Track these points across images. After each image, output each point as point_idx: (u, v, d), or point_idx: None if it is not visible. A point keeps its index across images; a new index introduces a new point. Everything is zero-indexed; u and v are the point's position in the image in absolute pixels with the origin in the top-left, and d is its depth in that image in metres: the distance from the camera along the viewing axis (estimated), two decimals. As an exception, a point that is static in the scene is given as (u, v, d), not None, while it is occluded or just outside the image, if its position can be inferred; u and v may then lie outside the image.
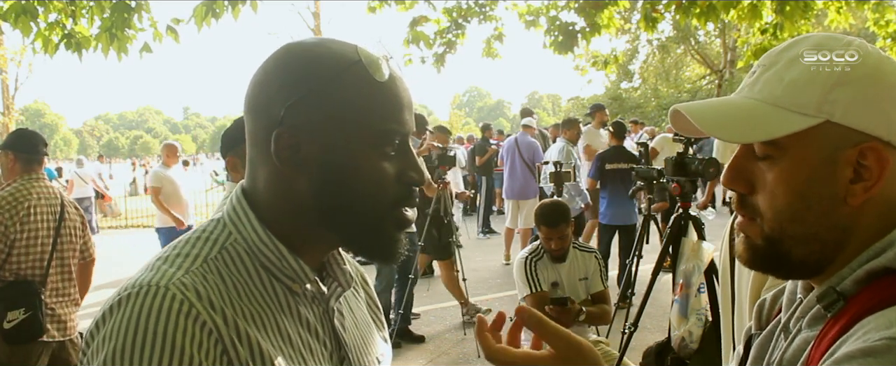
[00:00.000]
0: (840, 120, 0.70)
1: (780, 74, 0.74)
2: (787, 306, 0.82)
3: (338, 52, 0.77)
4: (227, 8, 4.30)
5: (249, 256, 0.77)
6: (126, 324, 0.67)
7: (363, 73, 0.76)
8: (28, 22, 4.09)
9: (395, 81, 0.78)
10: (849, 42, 0.74)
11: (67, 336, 3.08)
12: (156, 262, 0.75)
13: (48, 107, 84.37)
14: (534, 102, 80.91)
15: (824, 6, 5.88)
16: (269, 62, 0.79)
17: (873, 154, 0.70)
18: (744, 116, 0.74)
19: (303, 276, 0.79)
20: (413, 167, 0.80)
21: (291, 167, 0.76)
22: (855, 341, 0.65)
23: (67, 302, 3.12)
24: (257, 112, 0.78)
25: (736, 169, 0.78)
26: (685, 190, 3.39)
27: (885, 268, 0.69)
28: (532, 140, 7.68)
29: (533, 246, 3.44)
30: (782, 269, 0.77)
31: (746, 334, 0.90)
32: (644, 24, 5.68)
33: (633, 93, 26.39)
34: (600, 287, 3.44)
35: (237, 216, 0.79)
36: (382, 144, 0.77)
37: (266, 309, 0.76)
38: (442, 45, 6.02)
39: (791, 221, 0.73)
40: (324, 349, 0.81)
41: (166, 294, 0.68)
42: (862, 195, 0.71)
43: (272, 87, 0.76)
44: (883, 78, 0.71)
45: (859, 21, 10.21)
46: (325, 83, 0.75)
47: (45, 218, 3.01)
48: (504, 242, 8.07)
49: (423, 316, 5.89)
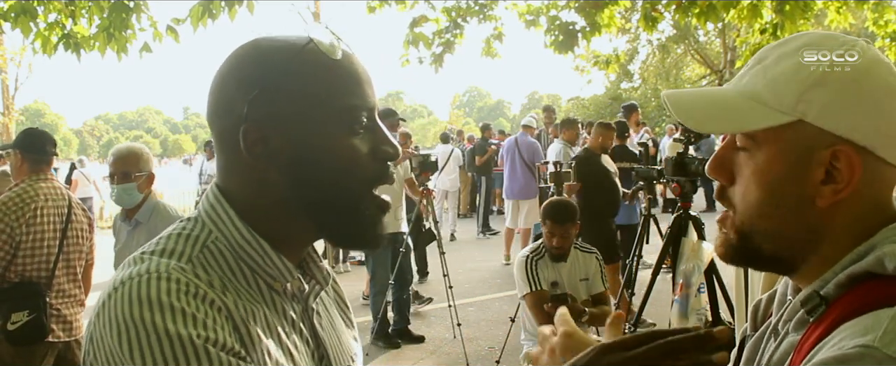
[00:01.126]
0: (813, 120, 0.70)
1: (765, 69, 0.74)
2: (778, 308, 0.82)
3: (287, 40, 0.77)
4: (224, 9, 4.30)
5: (232, 254, 0.76)
6: (121, 307, 0.65)
7: (317, 54, 0.76)
8: (27, 22, 4.09)
9: (350, 58, 0.78)
10: (845, 42, 0.73)
11: (73, 337, 3.08)
12: (141, 255, 0.73)
13: (48, 107, 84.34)
14: (534, 101, 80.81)
15: (824, 6, 5.88)
16: (223, 66, 0.79)
17: (845, 157, 0.70)
18: (721, 107, 0.75)
19: (286, 274, 0.79)
20: (385, 141, 0.79)
21: (264, 161, 0.76)
22: (830, 348, 0.64)
23: (73, 303, 3.11)
24: (220, 114, 0.78)
25: (719, 159, 0.79)
26: (685, 190, 3.39)
27: (867, 272, 0.68)
28: (532, 140, 7.68)
29: (534, 245, 3.44)
30: (755, 262, 0.78)
31: (741, 334, 0.90)
32: (644, 23, 5.67)
33: (633, 93, 26.37)
34: (601, 288, 3.44)
35: (216, 214, 0.78)
36: (350, 122, 0.77)
37: (254, 305, 0.75)
38: (440, 45, 6.01)
39: (759, 217, 0.74)
40: (306, 348, 0.81)
41: (170, 277, 0.67)
42: (830, 197, 0.71)
43: (230, 86, 0.76)
44: (866, 82, 0.70)
45: (859, 21, 10.21)
46: (281, 71, 0.75)
47: (51, 220, 3.00)
48: (504, 242, 8.07)
49: (423, 316, 5.89)
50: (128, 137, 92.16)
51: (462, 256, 8.40)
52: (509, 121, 72.71)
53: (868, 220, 0.72)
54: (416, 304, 5.76)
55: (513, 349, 4.23)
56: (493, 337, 5.13)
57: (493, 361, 4.37)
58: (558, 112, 11.66)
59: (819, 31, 0.78)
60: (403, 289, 5.13)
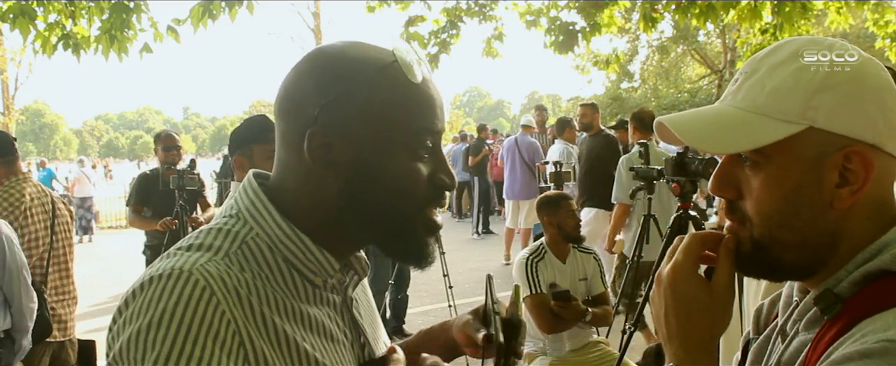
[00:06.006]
0: (823, 125, 0.70)
1: (762, 81, 0.74)
2: (784, 310, 0.82)
3: (372, 54, 0.78)
4: (224, 9, 4.30)
5: (271, 250, 0.77)
6: (148, 307, 0.68)
7: (398, 74, 0.77)
8: (26, 23, 4.08)
9: (428, 83, 0.80)
10: (833, 43, 0.73)
11: (67, 337, 3.07)
12: (178, 250, 0.75)
13: (48, 107, 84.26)
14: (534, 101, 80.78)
15: (824, 6, 5.88)
16: (301, 64, 0.80)
17: (858, 158, 0.70)
18: (727, 126, 0.74)
19: (328, 268, 0.80)
20: (444, 170, 0.81)
21: (323, 166, 0.77)
22: (852, 344, 0.65)
23: (67, 301, 3.11)
24: (290, 112, 0.78)
25: (723, 176, 0.78)
26: (685, 190, 3.39)
27: (882, 270, 0.69)
28: (532, 140, 7.68)
29: (534, 246, 3.45)
30: (774, 273, 0.77)
31: (744, 338, 0.90)
32: (643, 23, 5.67)
33: (633, 93, 26.37)
34: (601, 289, 3.45)
35: (257, 211, 0.79)
36: (415, 146, 0.78)
37: (290, 299, 0.76)
38: (436, 45, 6.01)
39: (780, 227, 0.73)
40: (345, 338, 0.83)
41: (190, 279, 0.69)
42: (849, 199, 0.71)
43: (306, 87, 0.77)
44: (865, 80, 0.71)
45: (859, 21, 10.20)
46: (360, 84, 0.76)
47: (40, 218, 2.99)
48: (504, 242, 8.07)
49: (418, 316, 5.90)
50: (128, 137, 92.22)
51: (462, 256, 8.40)
52: (509, 121, 72.70)
53: (878, 216, 0.72)
54: None
55: (513, 350, 4.22)
56: (492, 337, 5.13)
57: (493, 361, 4.37)
58: (558, 112, 11.64)
59: (802, 37, 0.77)
60: (401, 289, 5.14)
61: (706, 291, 0.77)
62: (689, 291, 0.77)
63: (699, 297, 0.77)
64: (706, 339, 0.77)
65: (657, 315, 0.82)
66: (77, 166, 13.44)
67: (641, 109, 5.72)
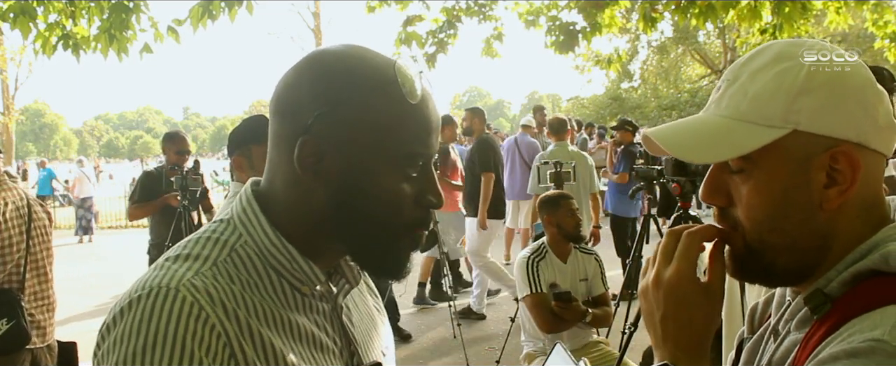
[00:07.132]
0: (807, 128, 0.70)
1: (744, 88, 0.74)
2: (777, 310, 0.83)
3: (374, 68, 0.77)
4: (224, 10, 4.30)
5: (259, 259, 0.78)
6: (136, 327, 0.68)
7: (397, 93, 0.76)
8: (27, 23, 4.08)
9: (426, 103, 0.79)
10: (813, 44, 0.73)
11: (46, 343, 3.01)
12: (165, 262, 0.75)
13: (48, 107, 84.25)
14: (534, 101, 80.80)
15: (824, 6, 5.87)
16: (302, 65, 0.79)
17: (845, 157, 0.70)
18: (711, 134, 0.74)
19: (313, 278, 0.80)
20: (432, 191, 0.81)
21: (312, 176, 0.77)
22: (840, 343, 0.65)
23: (46, 306, 3.01)
24: (285, 115, 0.78)
25: (712, 184, 0.78)
26: (685, 190, 3.39)
27: (871, 270, 0.69)
28: (532, 140, 7.67)
29: (534, 245, 3.45)
30: (768, 278, 0.78)
31: (738, 338, 0.90)
32: (643, 23, 5.67)
33: (633, 93, 26.38)
34: (601, 289, 3.45)
35: (247, 218, 0.79)
36: (406, 166, 0.78)
37: (278, 308, 0.77)
38: (433, 44, 6.01)
39: (770, 232, 0.74)
40: (334, 346, 0.83)
41: (177, 296, 0.69)
42: (837, 199, 0.71)
43: (304, 92, 0.76)
44: (846, 79, 0.71)
45: (858, 21, 10.20)
46: (358, 99, 0.75)
47: (15, 223, 2.89)
48: (504, 242, 8.07)
49: (423, 316, 5.90)
50: (128, 137, 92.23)
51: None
52: (509, 121, 72.67)
53: (867, 215, 0.73)
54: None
55: (513, 349, 4.24)
56: (493, 337, 5.15)
57: (493, 361, 4.38)
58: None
59: (782, 41, 0.78)
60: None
61: (704, 294, 0.79)
62: (691, 297, 0.78)
63: (699, 301, 0.78)
64: (703, 339, 0.79)
65: (650, 317, 0.82)
66: (77, 167, 13.43)
67: (555, 116, 6.41)
